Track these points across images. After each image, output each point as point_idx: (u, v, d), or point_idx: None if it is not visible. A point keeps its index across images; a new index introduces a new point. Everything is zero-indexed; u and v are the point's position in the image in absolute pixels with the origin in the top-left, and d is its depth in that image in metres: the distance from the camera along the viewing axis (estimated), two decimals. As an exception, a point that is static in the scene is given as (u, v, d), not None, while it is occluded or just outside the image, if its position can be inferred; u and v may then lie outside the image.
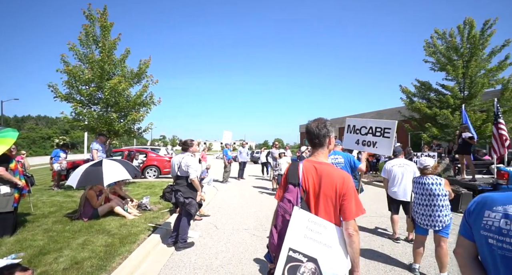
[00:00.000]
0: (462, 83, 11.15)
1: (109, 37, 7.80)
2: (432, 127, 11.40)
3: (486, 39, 10.26)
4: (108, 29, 7.79)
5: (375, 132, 3.59)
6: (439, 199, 3.00)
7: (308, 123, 1.69)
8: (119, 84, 7.05)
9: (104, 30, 7.76)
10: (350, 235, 1.47)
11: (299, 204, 1.51)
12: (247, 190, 9.24)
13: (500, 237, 1.08)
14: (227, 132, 10.84)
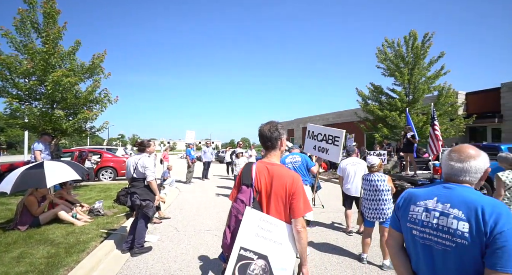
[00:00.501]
0: (407, 89, 12.43)
1: (57, 26, 6.99)
2: (383, 128, 12.51)
3: (425, 50, 11.58)
4: (54, 17, 6.97)
5: (327, 140, 3.82)
6: (383, 194, 3.33)
7: (261, 127, 1.75)
8: (64, 78, 6.34)
9: (48, 18, 6.91)
10: (299, 232, 1.56)
11: (251, 204, 1.57)
12: (211, 190, 9.13)
13: (422, 228, 1.23)
14: (190, 132, 10.57)
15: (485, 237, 1.06)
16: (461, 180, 1.22)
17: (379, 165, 3.46)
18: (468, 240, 1.09)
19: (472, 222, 1.09)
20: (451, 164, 1.24)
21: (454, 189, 1.21)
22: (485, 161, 1.21)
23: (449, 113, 11.66)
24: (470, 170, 1.19)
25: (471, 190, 1.19)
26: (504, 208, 1.10)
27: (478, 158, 1.21)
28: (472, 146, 1.27)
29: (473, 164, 1.20)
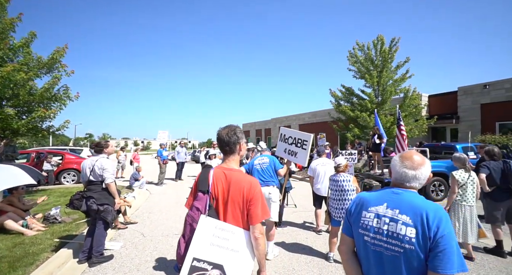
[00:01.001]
0: (376, 90, 13.04)
1: (5, 15, 6.29)
2: (354, 128, 13.01)
3: (393, 54, 12.22)
4: (2, 5, 6.27)
5: (297, 143, 3.86)
6: (349, 193, 3.40)
7: (219, 131, 1.68)
8: (16, 74, 5.74)
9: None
10: (256, 238, 1.51)
11: (206, 212, 1.50)
12: (184, 192, 8.86)
13: (373, 235, 1.23)
14: (162, 132, 10.16)
15: (429, 241, 1.09)
16: (410, 185, 1.24)
17: (345, 166, 3.53)
18: (415, 245, 1.11)
19: (418, 228, 1.12)
20: (405, 171, 1.25)
21: (402, 195, 1.23)
22: (430, 167, 1.27)
23: (414, 114, 12.41)
24: (420, 176, 1.23)
25: (416, 195, 1.22)
26: (444, 212, 1.15)
27: (426, 165, 1.26)
28: (418, 153, 1.32)
29: (423, 171, 1.24)
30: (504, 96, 13.47)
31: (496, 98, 13.76)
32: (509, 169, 3.78)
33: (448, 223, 1.11)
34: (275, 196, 3.68)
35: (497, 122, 13.77)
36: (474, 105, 14.64)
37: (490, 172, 3.87)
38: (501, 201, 3.84)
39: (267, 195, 3.65)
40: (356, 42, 13.25)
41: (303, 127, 26.59)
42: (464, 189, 3.68)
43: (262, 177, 3.70)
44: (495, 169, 3.87)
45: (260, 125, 34.76)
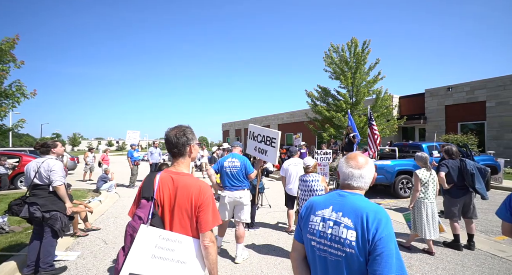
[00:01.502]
0: (351, 91, 13.43)
1: None
2: (330, 128, 13.30)
3: (365, 56, 12.65)
4: None
5: (266, 141, 3.80)
6: (317, 194, 3.39)
7: (166, 132, 1.54)
8: None
9: None
10: (206, 247, 1.40)
11: (148, 221, 1.36)
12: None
13: (319, 239, 1.17)
14: (132, 131, 9.64)
15: (368, 244, 1.05)
16: (356, 186, 1.23)
17: (314, 166, 3.52)
18: (355, 249, 1.07)
19: (358, 230, 1.08)
20: (351, 171, 1.24)
21: (346, 197, 1.20)
22: (373, 168, 1.28)
23: (385, 115, 12.94)
24: (365, 175, 1.22)
25: (361, 197, 1.20)
26: (384, 214, 1.12)
27: (369, 165, 1.26)
28: (361, 154, 1.32)
29: (367, 170, 1.24)
30: (464, 99, 14.48)
31: (458, 100, 14.76)
32: (465, 167, 3.99)
33: (387, 224, 1.08)
34: (246, 199, 3.59)
35: (459, 122, 14.78)
36: (439, 107, 15.61)
37: (449, 170, 4.06)
38: (457, 197, 4.04)
39: (238, 199, 3.55)
40: (331, 44, 13.56)
41: (282, 127, 26.84)
42: (426, 187, 3.83)
43: (232, 182, 3.59)
44: (453, 167, 4.07)
45: (240, 125, 34.60)
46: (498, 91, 13.16)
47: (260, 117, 30.89)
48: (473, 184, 3.93)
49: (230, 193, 3.55)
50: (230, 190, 3.55)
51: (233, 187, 3.55)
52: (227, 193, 3.57)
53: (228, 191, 3.57)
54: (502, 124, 12.99)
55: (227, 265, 3.46)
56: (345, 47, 13.19)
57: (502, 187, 8.58)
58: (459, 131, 14.32)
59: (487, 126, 13.61)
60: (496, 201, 7.12)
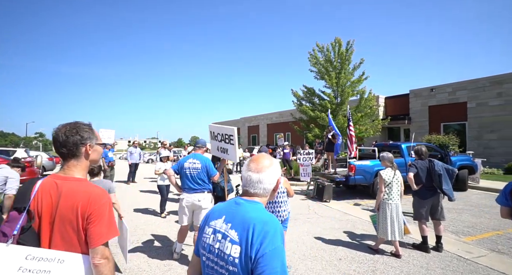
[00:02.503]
0: (336, 91, 13.42)
1: None
2: (315, 128, 13.27)
3: (349, 56, 12.66)
4: None
5: (225, 139, 3.66)
6: (278, 196, 3.26)
7: (55, 129, 1.31)
8: None
9: None
10: (96, 265, 1.18)
11: (12, 238, 1.13)
12: (134, 195, 8.24)
13: (208, 254, 1.02)
14: (105, 130, 9.26)
15: (251, 261, 0.89)
16: (253, 192, 1.08)
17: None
18: (238, 267, 0.91)
19: (243, 245, 0.93)
20: (249, 175, 1.09)
21: (241, 205, 1.05)
22: (278, 171, 1.14)
23: (369, 115, 12.98)
24: (265, 180, 1.07)
25: (256, 206, 1.04)
26: (273, 225, 0.96)
27: (272, 168, 1.11)
28: (268, 156, 1.17)
29: (268, 174, 1.09)
30: (447, 99, 14.70)
31: (441, 101, 14.97)
32: (433, 167, 3.94)
33: (275, 238, 0.93)
34: (206, 202, 3.42)
35: (441, 123, 14.99)
36: (423, 107, 15.80)
37: (418, 171, 4.00)
38: (425, 198, 3.99)
39: (196, 202, 3.39)
40: (316, 44, 13.52)
41: (271, 126, 26.76)
42: (390, 188, 3.76)
43: (192, 184, 3.42)
44: (422, 168, 4.01)
45: (229, 124, 34.23)
46: (478, 93, 13.40)
47: (249, 117, 30.74)
48: (441, 185, 3.88)
49: (188, 196, 3.39)
50: (189, 192, 3.38)
51: (191, 190, 3.39)
52: (185, 196, 3.40)
53: (187, 194, 3.40)
54: (482, 125, 13.23)
55: (184, 273, 3.29)
56: (329, 47, 13.18)
57: (480, 187, 8.68)
58: (442, 132, 14.52)
59: (468, 127, 13.85)
60: (472, 201, 7.18)
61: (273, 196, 1.15)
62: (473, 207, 6.53)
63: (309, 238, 4.51)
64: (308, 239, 4.46)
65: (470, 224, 5.27)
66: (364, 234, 4.74)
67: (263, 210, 1.04)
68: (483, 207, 6.57)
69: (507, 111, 12.40)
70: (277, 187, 1.13)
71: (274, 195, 1.16)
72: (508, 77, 12.51)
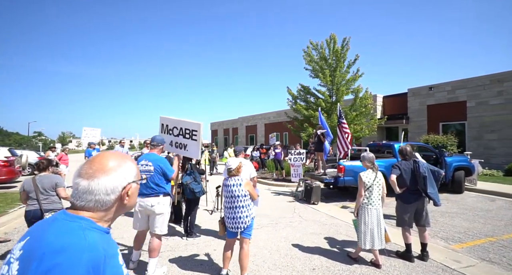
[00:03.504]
0: (331, 90, 13.06)
1: None
2: (309, 127, 12.91)
3: (345, 53, 12.28)
4: None
5: (185, 134, 3.34)
6: (239, 200, 2.94)
7: None
8: None
9: None
10: None
11: None
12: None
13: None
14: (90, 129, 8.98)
15: None
16: (79, 205, 0.78)
17: (238, 168, 3.06)
18: None
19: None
20: (77, 181, 0.79)
21: (54, 223, 0.74)
22: (124, 175, 0.83)
23: (364, 114, 12.59)
24: (97, 189, 0.78)
25: (70, 225, 0.73)
26: (72, 257, 0.65)
27: (112, 173, 0.80)
28: (116, 154, 0.88)
29: (104, 181, 0.78)
30: (446, 98, 14.28)
31: (440, 100, 14.55)
32: (417, 169, 3.60)
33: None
34: (160, 207, 3.10)
35: (440, 122, 14.57)
36: (421, 107, 15.38)
37: (401, 173, 3.67)
38: (409, 202, 3.65)
39: (149, 208, 3.07)
40: (310, 41, 13.16)
41: (268, 126, 26.41)
42: (370, 192, 3.43)
43: (144, 189, 3.09)
44: (406, 169, 3.67)
45: (228, 124, 34.08)
46: (478, 91, 12.98)
47: (247, 117, 30.42)
48: (425, 188, 3.54)
49: (141, 200, 3.07)
50: (142, 196, 3.07)
51: (144, 195, 3.07)
52: (138, 200, 3.09)
53: (139, 198, 3.09)
54: (482, 125, 12.80)
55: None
56: (324, 45, 12.81)
57: (477, 189, 8.29)
58: (440, 132, 14.11)
59: (467, 127, 13.42)
60: (467, 204, 6.81)
61: (119, 211, 0.85)
62: (468, 211, 6.16)
63: (285, 245, 4.18)
64: (283, 246, 4.13)
65: (462, 230, 4.91)
66: (346, 240, 4.40)
67: (76, 231, 0.72)
68: (479, 210, 6.20)
69: (508, 110, 11.96)
70: (124, 197, 0.83)
71: (121, 211, 0.85)
72: (509, 75, 12.07)
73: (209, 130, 39.20)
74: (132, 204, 0.88)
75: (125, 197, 0.83)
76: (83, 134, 9.46)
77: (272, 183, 10.28)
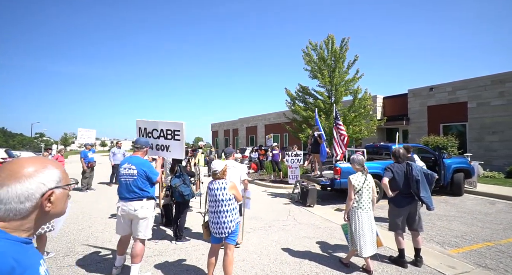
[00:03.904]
0: (330, 91, 12.94)
1: None
2: (307, 129, 12.79)
3: (343, 54, 12.17)
4: None
5: (166, 135, 3.26)
6: (223, 204, 2.85)
7: None
8: None
9: None
10: None
11: None
12: (110, 198, 7.88)
13: None
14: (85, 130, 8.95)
15: None
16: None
17: (223, 171, 2.97)
18: None
19: None
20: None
21: None
22: (42, 181, 0.77)
23: (363, 115, 12.46)
24: (7, 197, 0.72)
25: None
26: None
27: (28, 178, 0.75)
28: (32, 159, 0.82)
29: (14, 188, 0.73)
30: (446, 99, 14.11)
31: (440, 101, 14.39)
32: (410, 172, 3.49)
33: None
34: (143, 211, 3.01)
35: (441, 123, 14.40)
36: (422, 107, 15.22)
37: (394, 176, 3.56)
38: (402, 206, 3.54)
39: (132, 212, 2.99)
40: (309, 41, 13.07)
41: (269, 127, 26.32)
42: (360, 195, 3.33)
43: (127, 193, 3.02)
44: (399, 172, 3.57)
45: (228, 125, 34.06)
46: (479, 92, 12.80)
47: (247, 118, 30.38)
48: (418, 192, 3.43)
49: (123, 204, 2.99)
50: (124, 201, 2.99)
51: (127, 199, 2.99)
52: (121, 204, 3.01)
53: (122, 202, 3.01)
54: (483, 126, 12.62)
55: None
56: (323, 45, 12.71)
57: (476, 192, 8.14)
58: (441, 133, 13.94)
59: (468, 128, 13.24)
60: (466, 207, 6.67)
61: (40, 220, 0.78)
62: (466, 214, 6.03)
63: (276, 249, 4.08)
64: (274, 250, 4.04)
65: (459, 234, 4.78)
66: (339, 245, 4.30)
67: None
68: (477, 213, 6.06)
69: (510, 111, 11.78)
70: (45, 204, 0.77)
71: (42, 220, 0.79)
72: (510, 76, 11.90)
73: (209, 131, 39.26)
74: (59, 211, 0.82)
75: (46, 204, 0.77)
76: (78, 135, 9.44)
77: (269, 185, 10.18)
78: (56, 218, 0.87)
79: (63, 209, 0.84)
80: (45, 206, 0.77)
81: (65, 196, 0.84)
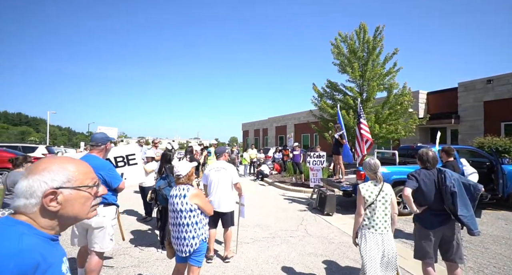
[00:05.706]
0: (361, 86, 11.68)
1: None
2: (333, 127, 11.70)
3: (377, 44, 10.82)
4: None
5: (117, 163, 3.13)
6: (183, 216, 2.32)
7: None
8: None
9: None
10: None
11: None
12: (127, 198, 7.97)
13: None
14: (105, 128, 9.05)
15: None
16: (16, 205, 0.76)
17: (189, 175, 2.43)
18: None
19: None
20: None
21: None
22: (45, 179, 0.76)
23: (400, 112, 10.95)
24: (34, 187, 0.75)
25: (10, 231, 0.70)
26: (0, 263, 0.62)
27: (34, 174, 0.76)
28: (55, 157, 0.86)
29: (25, 183, 0.75)
30: (510, 93, 11.75)
31: (501, 95, 12.05)
32: (443, 181, 2.57)
33: None
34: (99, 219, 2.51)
35: (502, 122, 12.05)
36: (476, 103, 12.96)
37: (419, 185, 2.67)
38: (432, 228, 2.62)
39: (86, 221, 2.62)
40: (338, 33, 11.96)
41: (298, 126, 25.26)
42: (373, 209, 2.51)
43: None
44: (426, 181, 2.66)
45: (259, 125, 33.77)
46: (555, 82, 10.35)
47: (277, 117, 29.66)
48: (455, 209, 2.49)
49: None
50: None
51: None
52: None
53: None
54: (561, 124, 10.16)
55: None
56: (354, 36, 11.50)
57: (550, 207, 6.39)
58: (502, 133, 11.65)
59: (539, 127, 10.81)
60: (534, 226, 5.17)
61: None
62: (534, 237, 4.62)
63: (273, 267, 3.44)
64: (269, 269, 3.40)
65: (523, 265, 3.57)
66: (350, 267, 3.49)
67: (12, 236, 0.69)
68: (551, 237, 4.61)
69: None
70: (47, 203, 0.75)
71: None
72: None
73: (240, 131, 39.43)
74: (75, 214, 0.80)
75: (48, 204, 0.76)
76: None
77: (288, 188, 9.44)
78: (78, 221, 0.83)
79: (82, 212, 0.81)
80: (47, 205, 0.75)
81: (82, 198, 0.81)
